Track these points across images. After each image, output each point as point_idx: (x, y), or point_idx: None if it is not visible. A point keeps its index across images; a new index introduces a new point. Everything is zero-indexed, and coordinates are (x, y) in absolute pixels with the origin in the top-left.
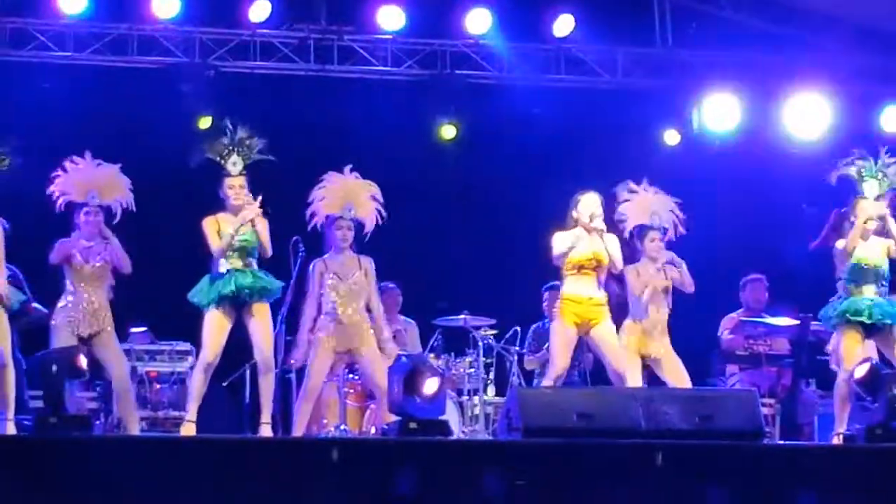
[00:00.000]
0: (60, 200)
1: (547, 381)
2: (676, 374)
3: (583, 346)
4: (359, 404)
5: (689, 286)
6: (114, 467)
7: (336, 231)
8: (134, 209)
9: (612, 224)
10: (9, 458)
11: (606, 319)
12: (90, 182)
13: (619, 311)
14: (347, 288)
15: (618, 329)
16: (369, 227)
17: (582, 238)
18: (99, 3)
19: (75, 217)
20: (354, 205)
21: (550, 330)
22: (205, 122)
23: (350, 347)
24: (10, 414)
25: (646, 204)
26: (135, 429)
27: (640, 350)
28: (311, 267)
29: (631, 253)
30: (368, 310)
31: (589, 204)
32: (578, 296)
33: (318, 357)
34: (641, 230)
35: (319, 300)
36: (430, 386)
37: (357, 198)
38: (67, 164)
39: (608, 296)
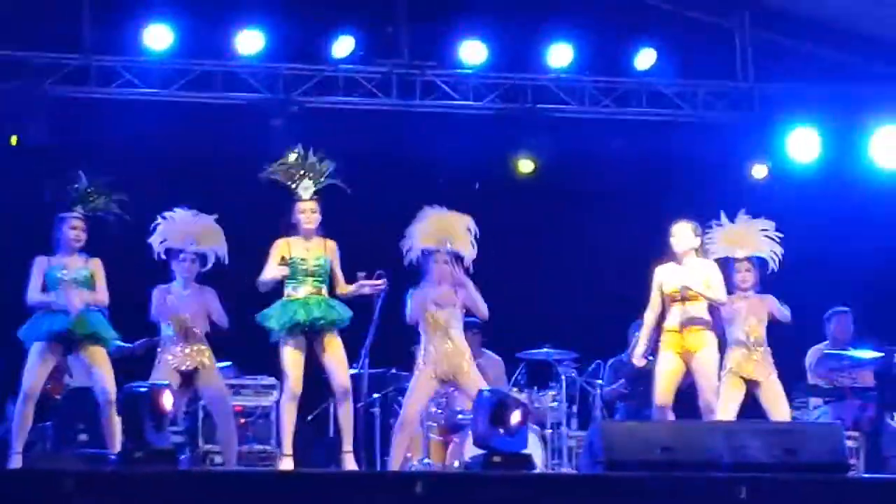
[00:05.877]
0: (160, 247)
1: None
2: (776, 404)
3: None
4: (442, 438)
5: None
6: (199, 502)
7: (434, 265)
8: (227, 261)
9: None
10: (95, 492)
11: (708, 346)
12: (188, 230)
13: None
14: (446, 318)
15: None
16: (468, 260)
17: (674, 270)
18: (184, 40)
19: (172, 264)
20: (452, 238)
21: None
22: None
23: (449, 376)
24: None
25: (732, 236)
26: (232, 460)
27: (742, 373)
28: (409, 296)
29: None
30: None
31: (678, 233)
32: (674, 326)
33: (418, 386)
34: (730, 263)
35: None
36: (515, 419)
37: (454, 231)
38: (167, 213)
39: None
